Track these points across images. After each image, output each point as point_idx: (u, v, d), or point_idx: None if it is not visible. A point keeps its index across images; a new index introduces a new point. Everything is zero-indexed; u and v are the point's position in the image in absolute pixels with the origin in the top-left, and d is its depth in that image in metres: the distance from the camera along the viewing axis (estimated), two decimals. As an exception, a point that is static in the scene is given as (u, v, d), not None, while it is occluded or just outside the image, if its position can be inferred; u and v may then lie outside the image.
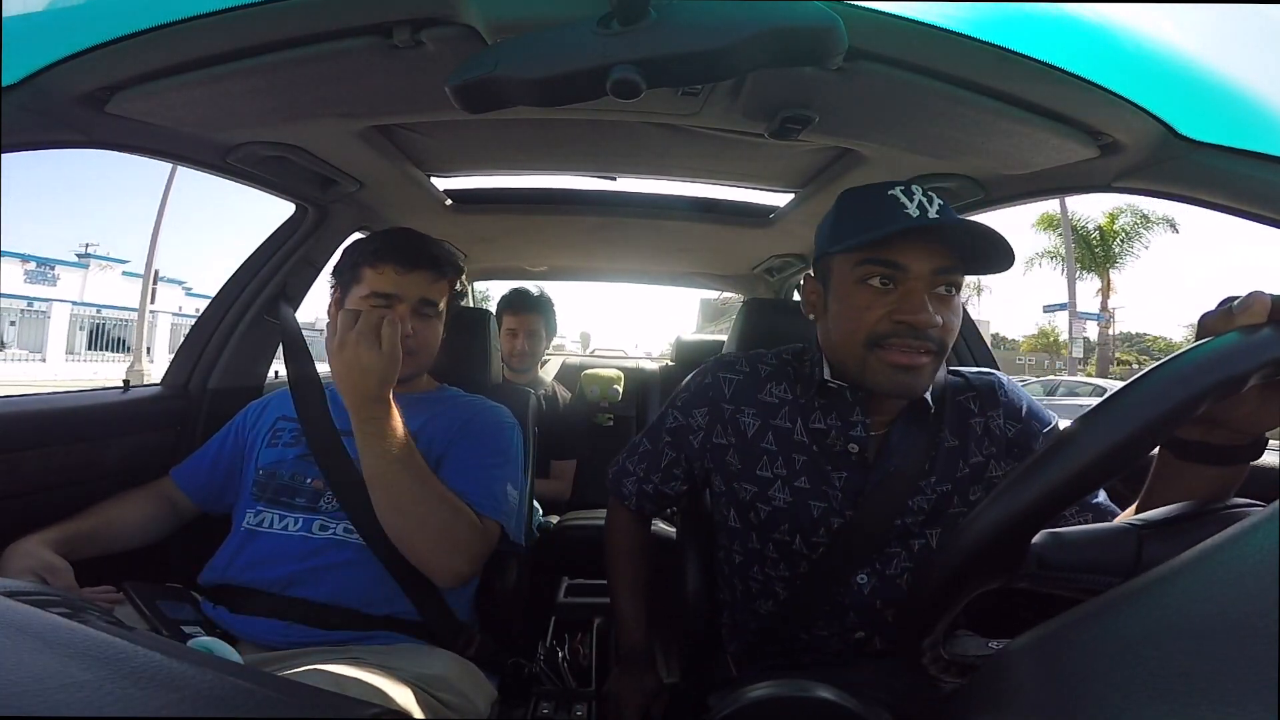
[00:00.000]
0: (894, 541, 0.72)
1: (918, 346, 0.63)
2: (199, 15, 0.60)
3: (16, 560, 0.74)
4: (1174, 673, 0.19)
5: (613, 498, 0.94)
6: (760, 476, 0.75)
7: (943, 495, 0.72)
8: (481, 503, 0.83)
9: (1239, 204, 0.70)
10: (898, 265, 0.63)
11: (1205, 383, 0.31)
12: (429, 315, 0.93)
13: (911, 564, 0.73)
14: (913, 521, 0.72)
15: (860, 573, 0.73)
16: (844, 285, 0.67)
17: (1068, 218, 16.48)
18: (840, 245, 0.66)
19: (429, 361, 0.96)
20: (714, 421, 0.79)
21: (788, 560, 0.76)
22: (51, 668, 0.23)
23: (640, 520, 0.94)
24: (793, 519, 0.73)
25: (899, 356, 0.64)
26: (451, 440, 0.90)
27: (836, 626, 0.75)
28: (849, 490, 0.72)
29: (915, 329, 0.63)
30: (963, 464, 0.72)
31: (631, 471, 0.89)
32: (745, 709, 0.55)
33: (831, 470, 0.73)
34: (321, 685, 0.64)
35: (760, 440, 0.76)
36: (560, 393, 1.98)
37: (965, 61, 0.65)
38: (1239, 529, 0.23)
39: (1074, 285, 16.07)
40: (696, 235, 1.62)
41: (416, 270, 0.91)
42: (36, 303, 15.10)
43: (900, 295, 0.64)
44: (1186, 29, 0.62)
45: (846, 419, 0.73)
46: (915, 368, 0.64)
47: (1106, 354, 18.49)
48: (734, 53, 0.51)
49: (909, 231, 0.62)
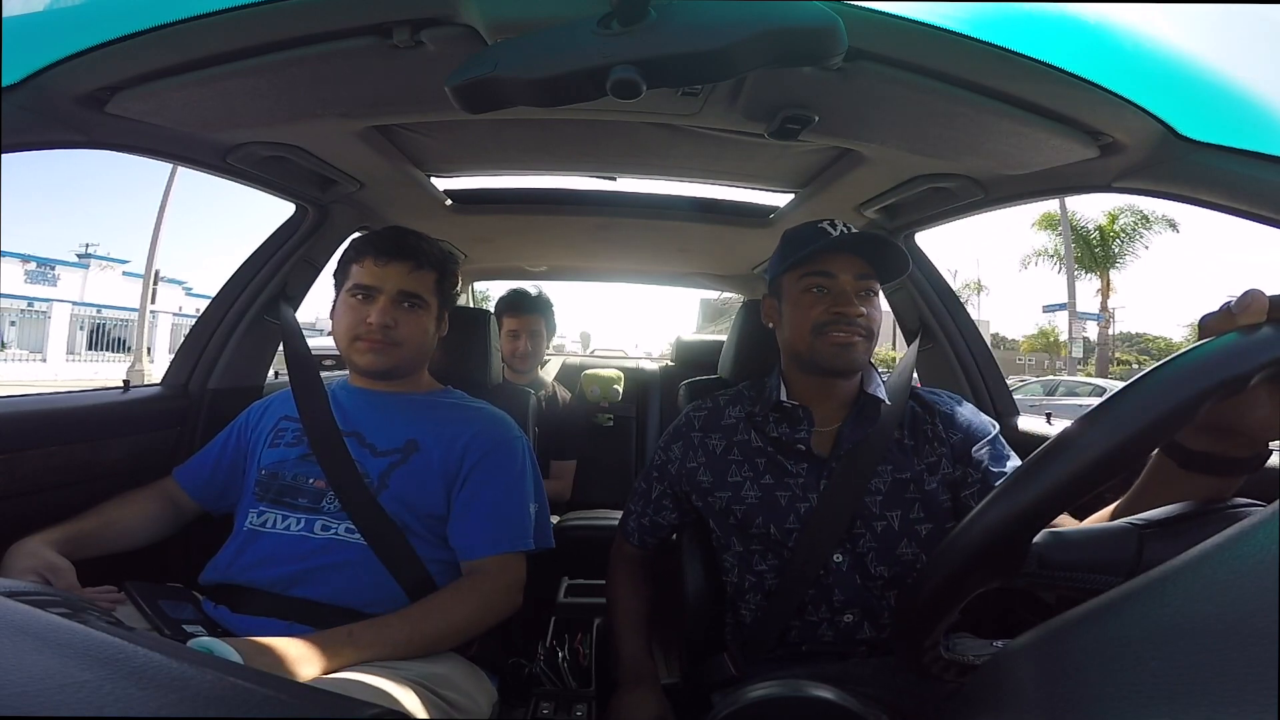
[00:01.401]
0: (859, 522, 0.83)
1: (851, 330, 0.83)
2: (199, 15, 0.60)
3: (19, 560, 0.74)
4: (1174, 673, 0.19)
5: (618, 539, 1.02)
6: (731, 482, 0.89)
7: (898, 481, 0.84)
8: (513, 541, 0.88)
9: (1239, 204, 0.70)
10: (829, 274, 0.85)
11: (1206, 383, 0.31)
12: (412, 306, 0.93)
13: (876, 545, 0.83)
14: (871, 502, 0.84)
15: (835, 552, 0.83)
16: (793, 295, 0.88)
17: (1068, 218, 16.48)
18: (786, 264, 0.87)
19: (416, 354, 0.96)
20: (686, 449, 0.94)
21: (772, 550, 0.86)
22: (51, 668, 0.23)
23: (641, 556, 1.00)
24: (765, 511, 0.86)
25: (839, 337, 0.83)
26: (472, 465, 0.90)
27: (825, 610, 0.82)
28: (811, 478, 0.86)
29: (847, 317, 0.83)
30: (917, 460, 0.86)
31: (633, 511, 1.00)
32: (746, 709, 0.55)
33: (792, 464, 0.87)
34: (323, 685, 0.64)
35: (727, 454, 0.91)
36: (560, 393, 1.97)
37: (965, 61, 0.65)
38: (1239, 529, 0.23)
39: (1074, 285, 16.07)
40: (696, 235, 1.61)
41: (394, 261, 0.91)
42: (37, 303, 15.12)
43: (833, 296, 0.84)
44: (1186, 29, 0.62)
45: (795, 427, 0.89)
46: (851, 344, 0.83)
47: (1106, 354, 18.49)
48: (734, 53, 0.51)
49: (836, 247, 0.84)
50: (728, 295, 3.12)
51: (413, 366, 0.97)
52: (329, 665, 0.68)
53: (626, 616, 0.94)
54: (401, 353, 0.92)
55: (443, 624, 0.78)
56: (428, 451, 0.89)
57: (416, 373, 1.00)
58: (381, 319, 0.89)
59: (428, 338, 0.96)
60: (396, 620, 0.76)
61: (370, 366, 0.92)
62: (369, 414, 0.94)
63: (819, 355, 0.84)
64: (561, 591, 1.41)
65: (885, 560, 0.82)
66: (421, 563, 0.84)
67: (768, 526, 0.85)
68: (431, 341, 0.98)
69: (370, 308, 0.90)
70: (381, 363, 0.92)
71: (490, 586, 0.84)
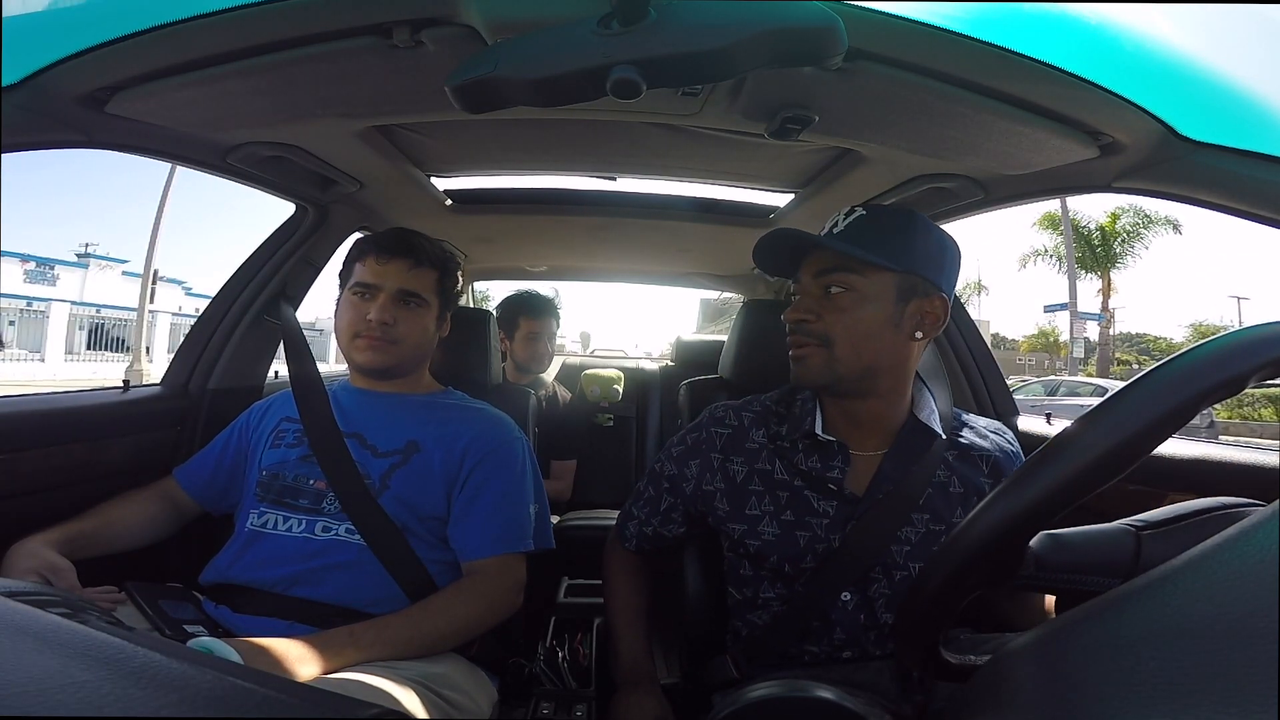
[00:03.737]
0: (877, 569, 0.75)
1: (794, 340, 0.76)
2: (199, 15, 0.60)
3: (20, 560, 0.74)
4: (1174, 673, 0.19)
5: (612, 540, 0.95)
6: (749, 515, 0.80)
7: (930, 533, 0.75)
8: (514, 542, 0.88)
9: (1239, 204, 0.70)
10: (798, 279, 0.78)
11: (1203, 385, 0.31)
12: (411, 304, 0.93)
13: (889, 592, 0.75)
14: (898, 551, 0.75)
15: (845, 590, 0.76)
16: None
17: (1068, 217, 16.47)
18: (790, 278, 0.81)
19: (416, 352, 0.96)
20: (704, 470, 0.85)
21: (783, 581, 0.80)
22: (51, 668, 0.23)
23: (638, 561, 0.94)
24: (781, 550, 0.78)
25: (791, 349, 0.77)
26: (472, 466, 0.90)
27: (825, 644, 0.77)
28: (838, 519, 0.77)
29: (790, 325, 0.76)
30: (960, 511, 0.76)
31: (635, 515, 0.92)
32: (746, 709, 0.55)
33: (819, 501, 0.78)
34: (323, 685, 0.64)
35: (748, 484, 0.82)
36: (560, 393, 1.98)
37: (965, 61, 0.65)
38: (1239, 529, 0.23)
39: (1075, 285, 16.07)
40: (696, 235, 1.61)
41: (394, 259, 0.92)
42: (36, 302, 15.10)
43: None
44: (1186, 29, 0.62)
45: (828, 461, 0.79)
46: (798, 358, 0.76)
47: (1107, 354, 18.48)
48: (734, 53, 0.51)
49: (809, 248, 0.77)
50: (728, 295, 3.12)
51: (412, 365, 0.97)
52: (329, 665, 0.68)
53: (625, 614, 0.90)
54: (400, 351, 0.92)
55: (443, 624, 0.78)
56: (428, 452, 0.89)
57: (416, 372, 0.99)
58: (381, 316, 0.90)
59: (427, 337, 0.96)
60: (397, 620, 0.76)
61: (369, 364, 0.92)
62: (370, 415, 0.94)
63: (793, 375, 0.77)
64: (561, 591, 1.41)
65: (894, 609, 0.75)
66: (422, 563, 0.84)
67: (782, 564, 0.78)
68: (431, 341, 0.98)
69: (370, 305, 0.91)
70: (380, 360, 0.92)
71: (491, 587, 0.84)
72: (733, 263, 1.93)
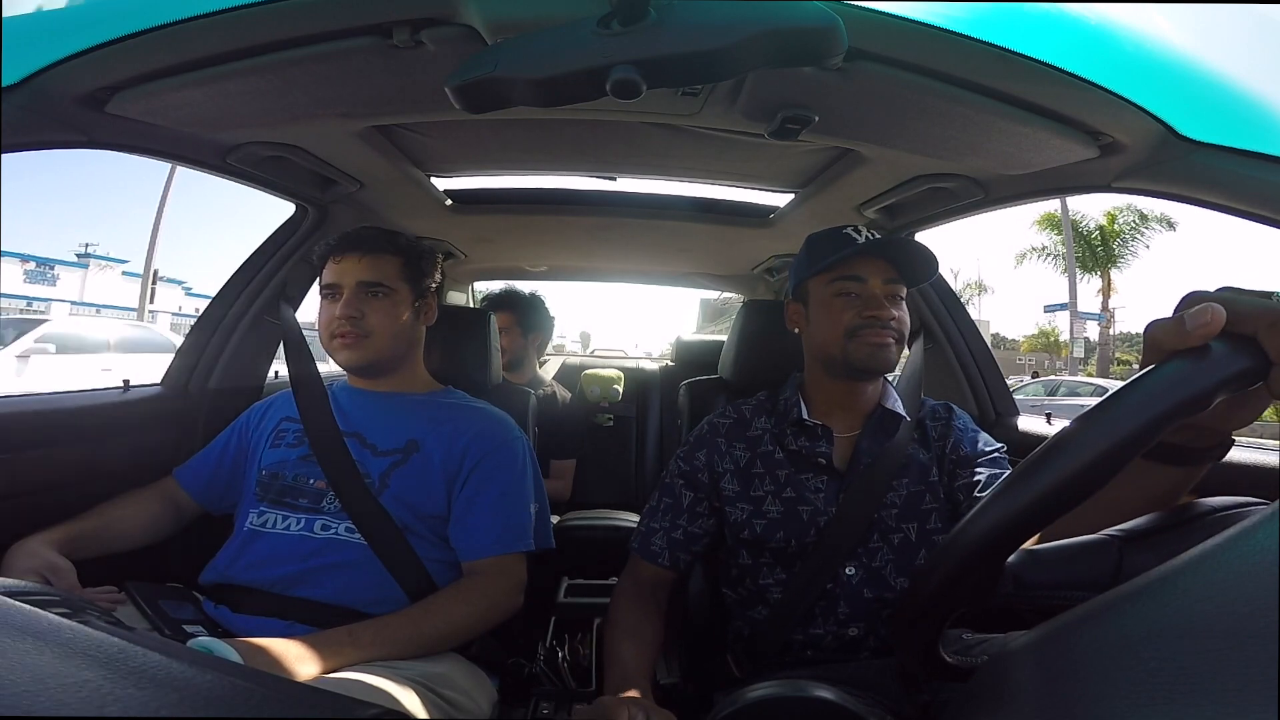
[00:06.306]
0: (875, 535, 0.83)
1: (885, 332, 0.84)
2: (199, 15, 0.60)
3: (20, 560, 0.74)
4: (1174, 673, 0.19)
5: (635, 561, 0.89)
6: (754, 496, 0.87)
7: (913, 493, 0.85)
8: (514, 542, 0.88)
9: (1239, 204, 0.70)
10: (859, 278, 0.85)
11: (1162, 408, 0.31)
12: (379, 294, 0.92)
13: (893, 557, 0.82)
14: (888, 515, 0.83)
15: (848, 564, 0.82)
16: (822, 299, 0.88)
17: (1068, 217, 16.47)
18: (814, 269, 0.87)
19: (394, 342, 0.94)
20: (712, 455, 0.91)
21: (783, 563, 0.84)
22: (51, 668, 0.23)
23: (661, 581, 0.88)
24: (786, 525, 0.84)
25: (873, 338, 0.84)
26: (473, 465, 0.90)
27: (831, 623, 0.80)
28: (830, 491, 0.85)
29: (880, 320, 0.84)
30: (935, 471, 0.87)
31: (657, 528, 0.88)
32: (746, 709, 0.55)
33: (812, 477, 0.87)
34: (323, 685, 0.64)
35: (752, 467, 0.89)
36: (560, 393, 1.97)
37: (965, 61, 0.65)
38: (1239, 529, 0.23)
39: (1075, 285, 16.09)
40: (696, 235, 1.61)
41: (348, 254, 0.93)
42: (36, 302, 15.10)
43: (864, 300, 0.85)
44: (1186, 29, 0.62)
45: (815, 441, 0.88)
46: (885, 345, 0.84)
47: (1107, 354, 18.48)
48: (734, 53, 0.51)
49: (864, 251, 0.85)
50: (728, 295, 3.12)
51: (395, 358, 0.96)
52: (329, 665, 0.68)
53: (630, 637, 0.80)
54: (376, 343, 0.92)
55: (443, 624, 0.78)
56: (428, 452, 0.89)
57: (406, 367, 0.98)
58: (346, 310, 0.90)
59: (401, 325, 0.94)
60: (397, 620, 0.76)
61: (348, 362, 0.93)
62: (369, 414, 0.94)
63: (853, 357, 0.84)
64: (561, 591, 1.41)
65: (905, 571, 0.82)
66: (421, 563, 0.84)
67: (788, 540, 0.83)
68: (409, 329, 0.96)
69: (337, 304, 0.91)
70: (358, 357, 0.92)
71: (491, 587, 0.84)
72: (733, 263, 1.93)
